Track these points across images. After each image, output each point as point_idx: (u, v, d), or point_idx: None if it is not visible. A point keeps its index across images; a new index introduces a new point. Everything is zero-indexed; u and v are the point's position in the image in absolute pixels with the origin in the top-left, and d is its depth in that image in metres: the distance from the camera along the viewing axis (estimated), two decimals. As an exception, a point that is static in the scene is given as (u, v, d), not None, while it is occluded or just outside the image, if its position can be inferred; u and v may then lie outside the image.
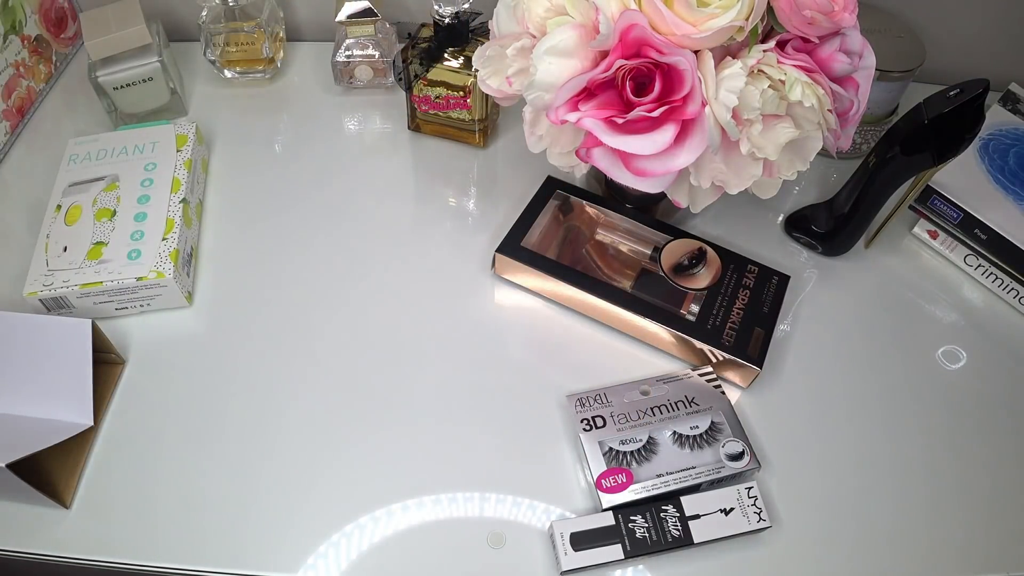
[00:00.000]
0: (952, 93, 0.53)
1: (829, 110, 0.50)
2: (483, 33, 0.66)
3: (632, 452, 0.50)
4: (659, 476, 0.49)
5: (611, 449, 0.50)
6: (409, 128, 0.73)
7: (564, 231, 0.63)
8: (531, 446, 0.52)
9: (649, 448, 0.50)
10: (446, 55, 0.66)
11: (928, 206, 0.63)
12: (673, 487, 0.48)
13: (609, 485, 0.48)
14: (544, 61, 0.48)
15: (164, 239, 0.58)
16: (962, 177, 0.62)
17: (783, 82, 0.48)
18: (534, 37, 0.51)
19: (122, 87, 0.69)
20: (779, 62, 0.48)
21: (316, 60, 0.80)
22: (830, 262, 0.65)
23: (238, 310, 0.59)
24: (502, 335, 0.58)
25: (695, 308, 0.57)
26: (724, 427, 0.51)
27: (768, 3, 0.48)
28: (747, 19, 0.46)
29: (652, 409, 0.52)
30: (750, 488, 0.48)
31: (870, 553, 0.49)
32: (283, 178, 0.69)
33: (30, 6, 0.72)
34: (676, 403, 0.52)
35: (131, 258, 0.57)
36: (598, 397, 0.53)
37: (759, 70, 0.48)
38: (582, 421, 0.51)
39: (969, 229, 0.61)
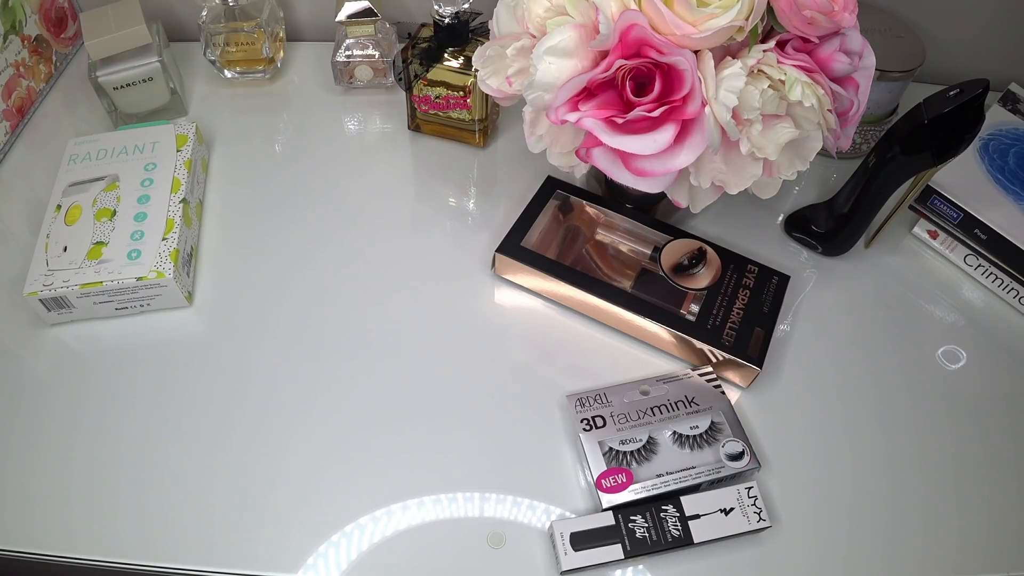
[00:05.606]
0: (952, 93, 0.53)
1: (829, 110, 0.50)
2: (483, 33, 0.66)
3: (632, 452, 0.50)
4: (659, 476, 0.49)
5: (611, 449, 0.50)
6: (409, 128, 0.73)
7: (564, 231, 0.63)
8: (531, 446, 0.52)
9: (649, 448, 0.50)
10: (446, 55, 0.66)
11: (928, 206, 0.63)
12: (673, 487, 0.48)
13: (609, 485, 0.48)
14: (544, 61, 0.48)
15: (164, 239, 0.58)
16: (962, 177, 0.62)
17: (783, 82, 0.48)
18: (534, 37, 0.51)
19: (122, 87, 0.69)
20: (779, 62, 0.48)
21: (316, 60, 0.80)
22: (830, 262, 0.65)
23: (238, 310, 0.59)
24: (502, 335, 0.58)
25: (695, 308, 0.57)
26: (724, 427, 0.51)
27: (768, 3, 0.48)
28: (747, 19, 0.46)
29: (652, 409, 0.52)
30: (750, 488, 0.48)
31: (870, 553, 0.49)
32: (283, 178, 0.69)
33: (30, 6, 0.72)
34: (676, 403, 0.52)
35: (131, 258, 0.57)
36: (598, 397, 0.53)
37: (759, 70, 0.48)
38: (582, 421, 0.51)
39: (969, 229, 0.61)
